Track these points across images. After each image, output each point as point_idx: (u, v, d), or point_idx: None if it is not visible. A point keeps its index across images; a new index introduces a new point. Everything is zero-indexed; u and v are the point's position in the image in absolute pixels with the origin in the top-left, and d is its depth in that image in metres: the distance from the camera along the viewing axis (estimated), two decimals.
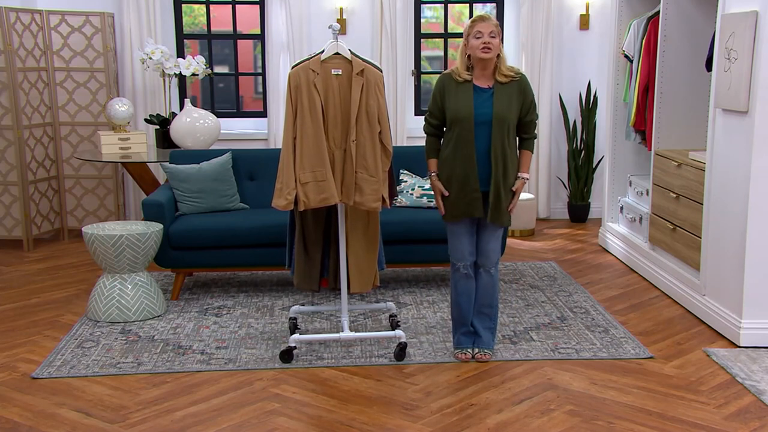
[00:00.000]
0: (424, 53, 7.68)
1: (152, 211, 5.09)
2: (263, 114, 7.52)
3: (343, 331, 4.23)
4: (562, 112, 7.50)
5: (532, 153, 4.13)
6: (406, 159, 5.68)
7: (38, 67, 6.63)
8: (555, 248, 6.58)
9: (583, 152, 7.44)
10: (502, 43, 4.27)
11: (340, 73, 3.99)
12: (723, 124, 4.55)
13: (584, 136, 7.44)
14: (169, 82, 6.85)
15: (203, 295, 5.34)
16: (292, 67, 4.03)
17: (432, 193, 5.07)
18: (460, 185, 4.01)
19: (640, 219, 5.90)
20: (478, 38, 3.93)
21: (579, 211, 7.57)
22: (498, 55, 3.98)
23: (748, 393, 3.78)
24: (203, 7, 7.43)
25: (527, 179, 4.09)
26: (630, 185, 6.29)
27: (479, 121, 3.94)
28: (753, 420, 3.51)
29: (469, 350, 4.21)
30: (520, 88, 4.00)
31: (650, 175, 5.67)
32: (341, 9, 7.23)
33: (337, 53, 4.00)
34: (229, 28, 7.47)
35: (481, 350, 4.19)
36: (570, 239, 6.92)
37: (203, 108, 7.38)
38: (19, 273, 5.92)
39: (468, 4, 7.54)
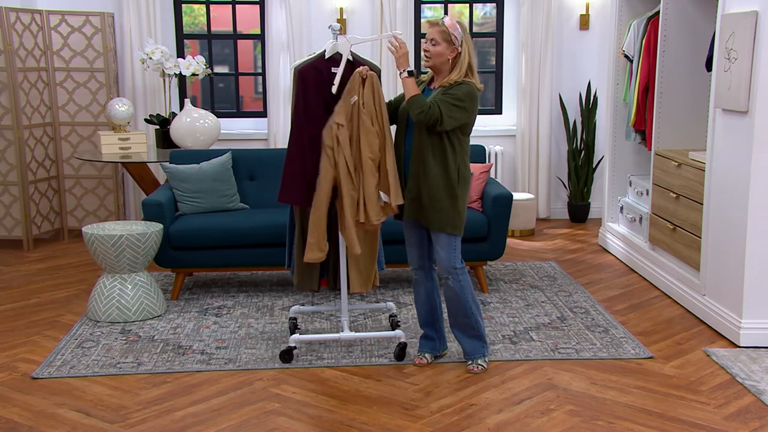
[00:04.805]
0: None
1: (152, 211, 5.10)
2: (263, 114, 7.51)
3: (343, 331, 4.23)
4: (562, 112, 7.50)
5: (418, 98, 3.73)
6: None
7: (38, 67, 6.63)
8: (555, 248, 6.58)
9: (583, 152, 7.44)
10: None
11: None
12: (723, 124, 4.55)
13: (584, 136, 7.44)
14: (169, 82, 6.85)
15: (203, 295, 5.34)
16: (295, 68, 4.02)
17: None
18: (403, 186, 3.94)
19: (640, 219, 5.90)
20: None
21: (579, 211, 7.57)
22: (455, 62, 3.81)
23: (748, 393, 3.78)
24: (203, 7, 7.43)
25: (402, 72, 3.80)
26: (630, 185, 6.29)
27: (410, 122, 3.86)
28: (753, 420, 3.51)
29: (426, 355, 4.14)
30: (444, 90, 3.79)
31: (650, 175, 5.67)
32: (341, 9, 7.23)
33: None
34: (229, 28, 7.47)
35: (473, 362, 4.06)
36: (570, 239, 6.92)
37: (203, 108, 7.38)
38: (19, 273, 5.91)
39: (468, 4, 7.54)
